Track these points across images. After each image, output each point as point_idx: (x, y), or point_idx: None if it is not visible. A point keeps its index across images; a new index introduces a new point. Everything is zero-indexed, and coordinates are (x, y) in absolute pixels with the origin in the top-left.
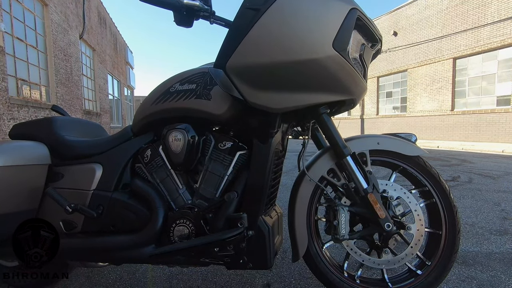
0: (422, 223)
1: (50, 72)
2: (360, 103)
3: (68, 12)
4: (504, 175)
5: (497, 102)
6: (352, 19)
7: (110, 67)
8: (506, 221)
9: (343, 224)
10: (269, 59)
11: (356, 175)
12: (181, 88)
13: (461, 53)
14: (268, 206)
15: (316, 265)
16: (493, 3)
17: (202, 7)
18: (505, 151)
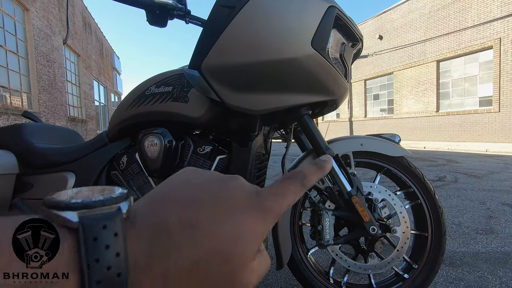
0: (407, 226)
1: (32, 79)
2: (348, 106)
3: (50, 17)
4: (488, 174)
5: (480, 103)
6: (331, 17)
7: (96, 73)
8: (492, 219)
9: (327, 229)
10: (245, 59)
11: (339, 178)
12: (157, 90)
13: (444, 55)
14: None
15: (301, 272)
16: (473, 7)
17: (175, 6)
18: (488, 150)
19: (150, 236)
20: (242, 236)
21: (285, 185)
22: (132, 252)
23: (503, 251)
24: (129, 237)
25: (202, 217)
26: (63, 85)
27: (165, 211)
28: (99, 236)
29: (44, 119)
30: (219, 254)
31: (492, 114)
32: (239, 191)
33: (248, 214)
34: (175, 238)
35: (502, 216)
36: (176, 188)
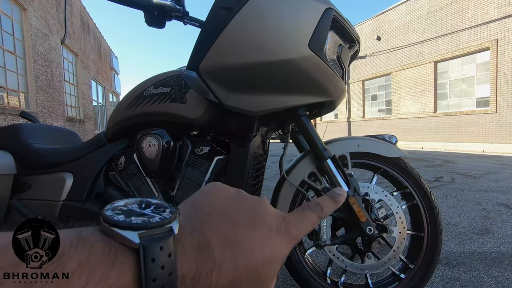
0: (404, 226)
1: (29, 78)
2: (346, 106)
3: (48, 17)
4: (485, 175)
5: (477, 103)
6: (328, 19)
7: (94, 73)
8: (488, 220)
9: (324, 229)
10: (243, 60)
11: (336, 179)
12: (155, 91)
13: (441, 56)
14: None
15: (298, 272)
16: (470, 9)
17: (173, 7)
18: (485, 151)
19: (196, 254)
20: (273, 258)
21: (306, 214)
22: (180, 270)
23: (498, 251)
24: (178, 256)
25: (241, 238)
26: (60, 85)
27: (208, 230)
28: (157, 257)
29: (41, 119)
30: (251, 275)
31: (489, 115)
32: (270, 214)
33: (277, 237)
34: (216, 258)
35: (498, 216)
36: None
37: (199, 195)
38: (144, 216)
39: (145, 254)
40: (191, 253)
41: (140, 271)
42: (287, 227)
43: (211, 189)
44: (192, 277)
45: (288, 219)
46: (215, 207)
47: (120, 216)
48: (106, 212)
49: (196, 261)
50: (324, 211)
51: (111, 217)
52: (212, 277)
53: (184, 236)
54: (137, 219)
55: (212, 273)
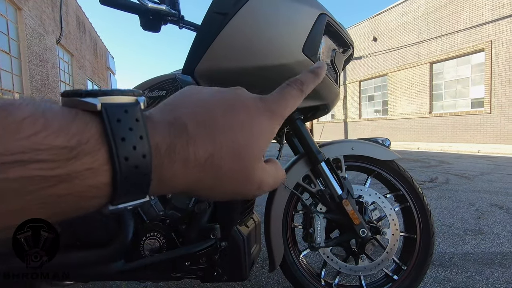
0: (397, 228)
1: (24, 78)
2: (343, 107)
3: (44, 16)
4: (479, 175)
5: (472, 104)
6: (322, 24)
7: (90, 73)
8: (480, 220)
9: (318, 231)
10: (238, 64)
11: (330, 181)
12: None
13: (437, 57)
14: (244, 215)
15: (292, 274)
16: (465, 10)
17: (169, 12)
18: (480, 151)
19: (168, 128)
20: (252, 134)
21: (285, 90)
22: (153, 139)
23: (490, 252)
24: (149, 127)
25: (215, 117)
26: (56, 85)
27: (180, 112)
28: (122, 118)
29: None
30: (230, 149)
31: (483, 116)
32: (245, 96)
33: (256, 115)
34: (190, 133)
35: (490, 217)
36: (186, 95)
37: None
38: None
39: (108, 113)
40: (163, 128)
41: (105, 129)
42: (265, 105)
43: (184, 89)
44: (167, 147)
45: (265, 98)
46: (187, 99)
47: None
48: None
49: (169, 135)
50: (305, 84)
51: (69, 90)
52: (188, 149)
53: (156, 116)
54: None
55: (188, 145)
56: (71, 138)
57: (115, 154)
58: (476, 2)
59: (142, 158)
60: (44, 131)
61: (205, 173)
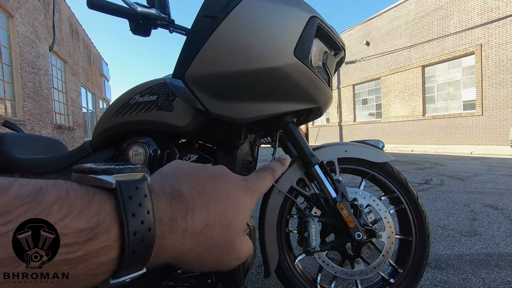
0: (392, 230)
1: (16, 86)
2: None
3: (36, 23)
4: (472, 176)
5: (464, 106)
6: (313, 27)
7: (83, 80)
8: (475, 221)
9: (313, 235)
10: (229, 68)
11: (324, 185)
12: (142, 99)
13: (428, 61)
14: None
15: (288, 280)
16: (455, 15)
17: (158, 16)
18: (473, 153)
19: (169, 200)
20: (238, 207)
21: (261, 175)
22: (157, 212)
23: (486, 253)
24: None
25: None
26: (49, 92)
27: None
28: (133, 195)
29: (29, 127)
30: (221, 219)
31: (475, 118)
32: (231, 174)
33: (240, 191)
34: (188, 203)
35: (485, 218)
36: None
37: (163, 168)
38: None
39: (122, 191)
40: (165, 200)
41: (118, 206)
42: (247, 184)
43: (173, 162)
44: (169, 219)
45: (247, 178)
46: (180, 171)
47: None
48: (79, 166)
49: (170, 207)
50: (276, 171)
51: (83, 167)
52: (187, 220)
53: (156, 187)
54: (109, 166)
55: (186, 216)
56: (91, 218)
57: (126, 231)
58: (465, 6)
59: (147, 232)
60: (70, 215)
61: (198, 243)
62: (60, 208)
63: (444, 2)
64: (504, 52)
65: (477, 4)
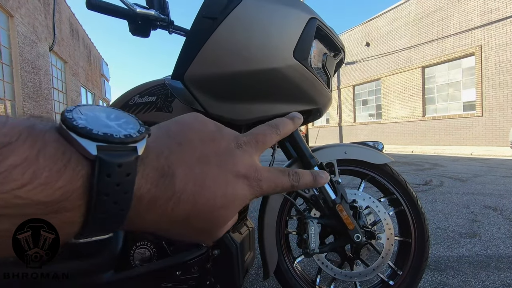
0: (391, 232)
1: (16, 86)
2: (337, 111)
3: (36, 23)
4: (472, 178)
5: (464, 107)
6: (312, 29)
7: (83, 80)
8: (475, 223)
9: (312, 237)
10: (228, 69)
11: (324, 186)
12: (141, 100)
13: (428, 62)
14: (238, 222)
15: (287, 281)
16: (455, 16)
17: (158, 17)
18: (473, 154)
19: (157, 180)
20: (232, 203)
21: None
22: (138, 191)
23: (485, 254)
24: (138, 176)
25: (206, 176)
26: (49, 92)
27: (175, 158)
28: (113, 173)
29: None
30: (207, 214)
31: (475, 119)
32: (244, 162)
33: (244, 187)
34: (176, 189)
35: (485, 219)
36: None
37: (175, 123)
38: (109, 128)
39: (101, 167)
40: (152, 177)
41: (92, 183)
42: (258, 182)
43: (189, 119)
44: (149, 200)
45: (261, 173)
46: (189, 137)
47: (82, 121)
48: (66, 114)
49: (156, 187)
50: (300, 183)
51: (71, 120)
52: (168, 206)
53: (148, 158)
54: (99, 129)
55: (169, 202)
56: (55, 191)
57: (92, 213)
58: (465, 7)
59: (119, 211)
60: (30, 184)
61: (174, 226)
62: (23, 173)
63: (444, 3)
64: (504, 53)
65: (477, 5)
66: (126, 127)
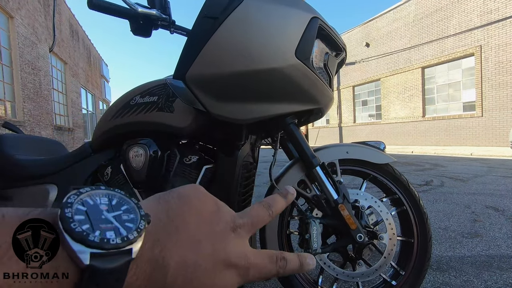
0: (394, 232)
1: (16, 87)
2: (337, 112)
3: (36, 24)
4: (473, 178)
5: (464, 108)
6: (314, 28)
7: (83, 81)
8: (476, 223)
9: (314, 237)
10: (230, 69)
11: (326, 186)
12: (142, 100)
13: (428, 62)
14: None
15: (289, 281)
16: (454, 16)
17: (159, 16)
18: (473, 154)
19: (150, 274)
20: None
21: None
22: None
23: (487, 254)
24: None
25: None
26: (49, 93)
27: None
28: (102, 282)
29: (29, 128)
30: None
31: (475, 119)
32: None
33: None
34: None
35: (486, 219)
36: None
37: (175, 198)
38: (107, 225)
39: (90, 278)
40: (145, 272)
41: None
42: (246, 270)
43: (189, 193)
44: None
45: (250, 261)
46: (186, 220)
47: (80, 216)
48: (65, 210)
49: (147, 281)
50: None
51: (69, 219)
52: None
53: (144, 250)
54: (96, 232)
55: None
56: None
57: None
58: (464, 8)
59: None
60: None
61: None
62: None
63: (443, 4)
64: (503, 53)
65: (476, 5)
66: (125, 220)
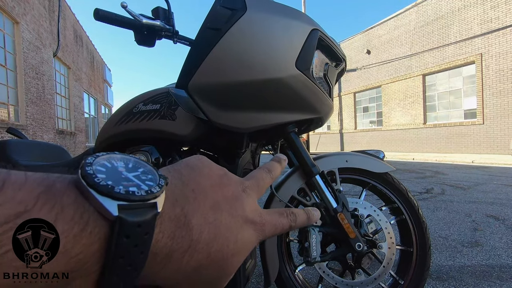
0: (393, 241)
1: (19, 91)
2: (338, 118)
3: (41, 30)
4: (474, 186)
5: (465, 115)
6: (314, 40)
7: (86, 85)
8: (477, 232)
9: (314, 246)
10: (232, 79)
11: (325, 194)
12: (145, 108)
13: (429, 70)
14: None
15: None
16: (455, 24)
17: (163, 27)
18: (474, 162)
19: (174, 232)
20: (242, 250)
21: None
22: (153, 247)
23: (487, 264)
24: (155, 231)
25: (219, 223)
26: (52, 97)
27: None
28: (132, 234)
29: (31, 132)
30: (220, 262)
31: (476, 126)
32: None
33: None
34: (193, 239)
35: (487, 228)
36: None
37: (185, 167)
38: (129, 182)
39: (120, 230)
40: (169, 229)
41: (109, 246)
42: (262, 226)
43: (196, 162)
44: (165, 255)
45: (264, 217)
46: (200, 183)
47: (102, 175)
48: (87, 168)
49: (172, 239)
50: (297, 222)
51: (92, 176)
52: (183, 259)
53: (165, 209)
54: (120, 186)
55: (185, 253)
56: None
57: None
58: (465, 16)
59: (133, 272)
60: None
61: (184, 279)
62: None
63: (444, 12)
64: (504, 61)
65: (477, 14)
66: (145, 180)
